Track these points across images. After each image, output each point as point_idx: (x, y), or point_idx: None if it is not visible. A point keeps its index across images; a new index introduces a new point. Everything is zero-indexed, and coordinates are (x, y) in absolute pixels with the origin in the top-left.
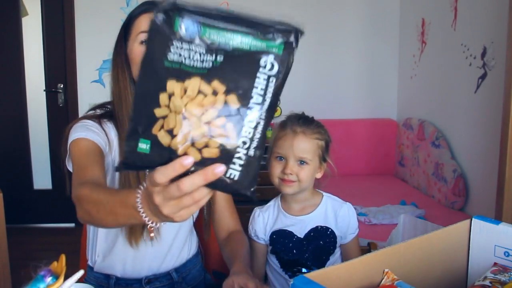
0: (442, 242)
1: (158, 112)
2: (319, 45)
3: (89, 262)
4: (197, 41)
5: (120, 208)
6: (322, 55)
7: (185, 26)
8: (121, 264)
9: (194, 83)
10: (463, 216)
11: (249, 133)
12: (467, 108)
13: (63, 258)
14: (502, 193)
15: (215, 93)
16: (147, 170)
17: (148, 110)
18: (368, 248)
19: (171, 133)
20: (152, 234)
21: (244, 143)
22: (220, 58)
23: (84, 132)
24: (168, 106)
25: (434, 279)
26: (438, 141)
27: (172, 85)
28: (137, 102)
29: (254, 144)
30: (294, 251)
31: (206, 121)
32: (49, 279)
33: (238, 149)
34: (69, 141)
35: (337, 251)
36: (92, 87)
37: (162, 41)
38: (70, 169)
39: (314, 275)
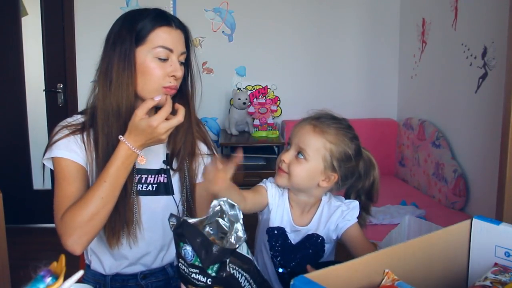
0: (442, 242)
1: None
2: (319, 45)
3: (86, 261)
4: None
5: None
6: (322, 55)
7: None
8: (111, 262)
9: None
10: (464, 216)
11: None
12: (467, 108)
13: (63, 258)
14: (502, 193)
15: None
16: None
17: None
18: None
19: None
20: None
21: None
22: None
23: (67, 151)
24: None
25: (435, 279)
26: (439, 141)
27: None
28: None
29: None
30: (283, 257)
31: None
32: (48, 279)
33: None
34: (52, 154)
35: (327, 251)
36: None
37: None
38: (50, 166)
39: (314, 275)
